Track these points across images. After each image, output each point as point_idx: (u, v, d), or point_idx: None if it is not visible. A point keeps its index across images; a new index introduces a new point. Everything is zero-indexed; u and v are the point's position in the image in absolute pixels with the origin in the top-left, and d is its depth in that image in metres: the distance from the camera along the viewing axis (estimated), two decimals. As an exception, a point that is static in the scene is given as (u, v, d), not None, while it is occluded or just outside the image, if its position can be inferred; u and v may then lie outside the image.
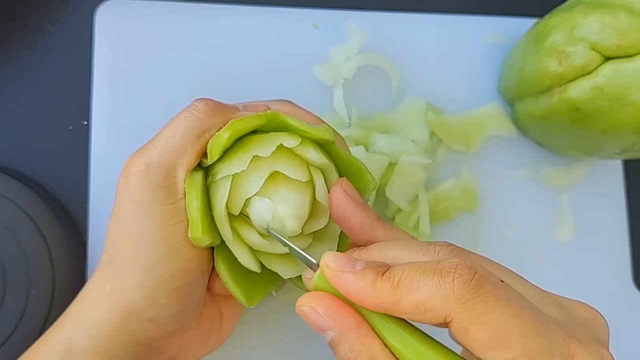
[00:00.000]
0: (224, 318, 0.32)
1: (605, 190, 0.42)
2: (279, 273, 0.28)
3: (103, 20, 0.37)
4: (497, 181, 0.40)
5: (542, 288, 0.24)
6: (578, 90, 0.33)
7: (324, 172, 0.29)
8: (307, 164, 0.28)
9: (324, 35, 0.39)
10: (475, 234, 0.39)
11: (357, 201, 0.27)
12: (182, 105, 0.29)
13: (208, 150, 0.27)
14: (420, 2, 0.41)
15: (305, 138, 0.28)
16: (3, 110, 0.37)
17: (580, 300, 0.24)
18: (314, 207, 0.29)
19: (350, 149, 0.36)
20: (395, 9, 0.41)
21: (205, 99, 0.28)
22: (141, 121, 0.37)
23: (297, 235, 0.28)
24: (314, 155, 0.28)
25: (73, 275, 0.35)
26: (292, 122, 0.27)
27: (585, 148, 0.38)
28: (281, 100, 0.31)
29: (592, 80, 0.33)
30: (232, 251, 0.28)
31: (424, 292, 0.21)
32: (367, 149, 0.37)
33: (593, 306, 0.24)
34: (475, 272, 0.21)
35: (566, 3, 0.37)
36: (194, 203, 0.26)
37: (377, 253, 0.25)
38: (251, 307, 0.28)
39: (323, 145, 0.29)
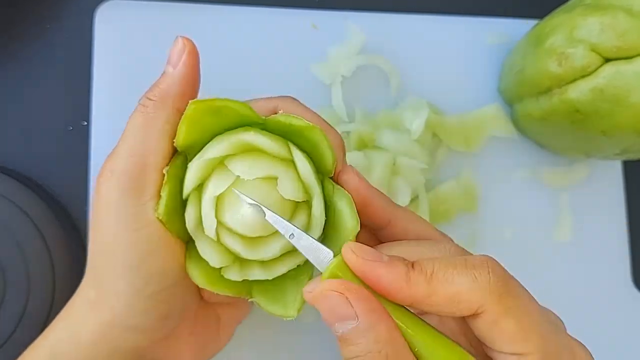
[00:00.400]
0: (222, 325, 0.31)
1: (605, 191, 0.42)
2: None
3: (103, 20, 0.37)
4: (497, 182, 0.40)
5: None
6: (578, 92, 0.33)
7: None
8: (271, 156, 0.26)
9: (323, 36, 0.39)
10: (474, 234, 0.39)
11: (373, 186, 0.27)
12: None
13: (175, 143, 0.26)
14: (420, 3, 0.41)
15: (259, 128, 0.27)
16: (3, 110, 0.37)
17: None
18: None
19: (349, 154, 0.35)
20: (395, 9, 0.41)
21: (149, 93, 0.28)
22: (141, 121, 0.37)
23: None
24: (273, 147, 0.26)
25: (73, 276, 0.34)
26: (240, 109, 0.26)
27: (585, 149, 0.38)
28: (283, 97, 0.30)
29: (591, 82, 0.33)
30: (195, 241, 0.26)
31: (459, 285, 0.22)
32: (368, 146, 0.37)
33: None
34: (503, 269, 0.22)
35: (566, 4, 0.37)
36: (167, 186, 0.26)
37: (397, 248, 0.25)
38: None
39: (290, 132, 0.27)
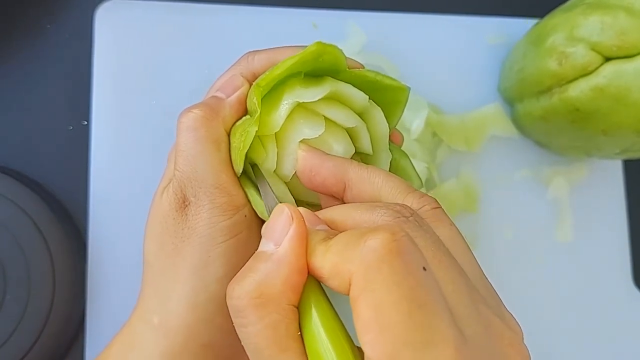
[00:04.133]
0: None
1: (605, 190, 0.42)
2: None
3: (103, 20, 0.37)
4: (498, 181, 0.40)
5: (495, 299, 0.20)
6: (578, 91, 0.33)
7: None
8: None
9: (324, 36, 0.39)
10: (475, 234, 0.39)
11: (323, 152, 0.25)
12: (182, 106, 0.28)
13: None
14: (421, 2, 0.41)
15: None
16: (3, 110, 0.37)
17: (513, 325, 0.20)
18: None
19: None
20: (395, 9, 0.41)
21: (188, 114, 0.26)
22: (141, 121, 0.37)
23: None
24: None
25: (73, 275, 0.34)
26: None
27: (585, 148, 0.38)
28: (245, 56, 0.29)
29: (592, 81, 0.33)
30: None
31: (341, 255, 0.18)
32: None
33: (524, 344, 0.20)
34: (395, 241, 0.18)
35: (566, 3, 0.37)
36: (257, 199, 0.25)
37: (326, 212, 0.22)
38: None
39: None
